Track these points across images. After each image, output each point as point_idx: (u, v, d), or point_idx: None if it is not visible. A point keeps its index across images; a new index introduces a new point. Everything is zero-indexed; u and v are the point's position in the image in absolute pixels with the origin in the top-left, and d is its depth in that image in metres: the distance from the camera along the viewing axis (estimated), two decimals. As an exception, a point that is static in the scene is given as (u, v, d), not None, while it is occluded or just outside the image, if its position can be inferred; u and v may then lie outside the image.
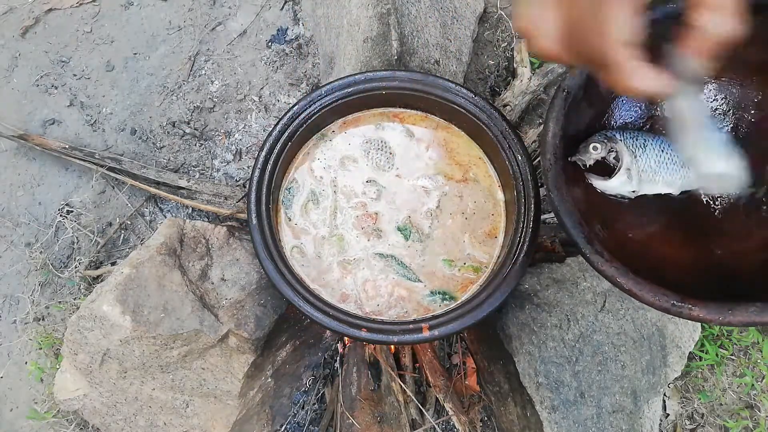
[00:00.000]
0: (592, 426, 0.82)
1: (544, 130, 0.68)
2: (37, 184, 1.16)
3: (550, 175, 0.66)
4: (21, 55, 1.22)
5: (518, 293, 0.87)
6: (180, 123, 1.15)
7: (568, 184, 0.66)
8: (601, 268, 0.62)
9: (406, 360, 1.00)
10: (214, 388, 0.88)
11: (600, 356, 0.84)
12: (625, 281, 0.60)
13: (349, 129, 0.90)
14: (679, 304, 0.58)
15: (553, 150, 0.67)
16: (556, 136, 0.67)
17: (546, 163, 0.67)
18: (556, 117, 0.67)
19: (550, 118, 0.68)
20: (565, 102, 0.67)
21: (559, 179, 0.66)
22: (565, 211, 0.65)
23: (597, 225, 0.67)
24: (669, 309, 0.58)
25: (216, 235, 0.93)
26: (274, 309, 0.90)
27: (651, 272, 0.62)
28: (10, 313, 1.10)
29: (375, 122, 0.90)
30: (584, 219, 0.65)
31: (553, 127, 0.67)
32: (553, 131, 0.67)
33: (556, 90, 0.68)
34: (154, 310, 0.83)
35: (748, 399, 0.98)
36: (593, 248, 0.63)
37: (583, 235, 0.64)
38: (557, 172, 0.66)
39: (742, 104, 0.71)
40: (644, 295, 0.59)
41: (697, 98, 0.43)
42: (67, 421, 1.00)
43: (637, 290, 0.60)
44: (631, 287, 0.60)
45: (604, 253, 0.62)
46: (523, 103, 1.06)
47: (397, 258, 0.83)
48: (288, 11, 1.20)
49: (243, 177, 1.13)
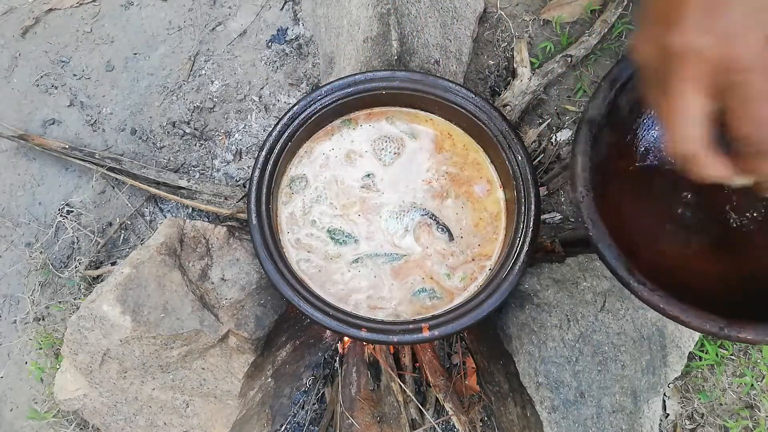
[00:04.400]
0: (592, 426, 0.82)
1: (572, 162, 0.67)
2: (37, 184, 1.16)
3: (583, 207, 0.66)
4: (21, 55, 1.22)
5: (518, 293, 0.87)
6: (180, 123, 1.15)
7: (602, 215, 0.66)
8: (647, 298, 0.62)
9: (405, 360, 1.00)
10: (214, 388, 0.88)
11: (600, 356, 0.84)
12: (671, 309, 0.61)
13: (353, 126, 0.90)
14: (728, 328, 0.58)
15: (584, 183, 0.66)
16: (586, 169, 0.66)
17: (578, 196, 0.66)
18: (583, 149, 0.67)
19: (577, 151, 0.67)
20: (591, 133, 0.67)
21: (594, 212, 0.66)
22: (605, 245, 0.65)
23: (630, 248, 0.67)
24: (718, 333, 0.58)
25: (216, 235, 0.93)
26: (274, 309, 0.90)
27: (683, 288, 0.62)
28: (10, 313, 1.10)
29: (374, 121, 0.90)
30: (618, 245, 0.65)
31: (582, 160, 0.67)
32: (582, 164, 0.67)
33: (579, 122, 0.68)
34: (154, 310, 0.83)
35: (748, 399, 0.98)
36: (636, 279, 0.63)
37: (625, 267, 0.63)
38: (590, 205, 0.66)
39: None
40: (691, 321, 0.60)
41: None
42: (67, 421, 1.00)
43: (683, 317, 0.60)
44: (678, 314, 0.60)
45: (646, 283, 0.62)
46: (523, 103, 1.06)
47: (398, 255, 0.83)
48: (288, 11, 1.21)
49: (243, 177, 1.13)
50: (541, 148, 1.08)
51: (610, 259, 0.64)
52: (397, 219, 0.85)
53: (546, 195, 1.06)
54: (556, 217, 1.05)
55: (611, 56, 1.12)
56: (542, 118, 1.11)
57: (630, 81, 0.67)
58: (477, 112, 0.84)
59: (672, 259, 0.71)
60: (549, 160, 1.08)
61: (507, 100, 1.06)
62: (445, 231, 0.83)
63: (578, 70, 1.12)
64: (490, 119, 0.83)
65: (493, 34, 1.15)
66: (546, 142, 1.09)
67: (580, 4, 1.13)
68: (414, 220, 0.84)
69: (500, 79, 1.13)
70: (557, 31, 1.14)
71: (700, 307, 0.60)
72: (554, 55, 1.10)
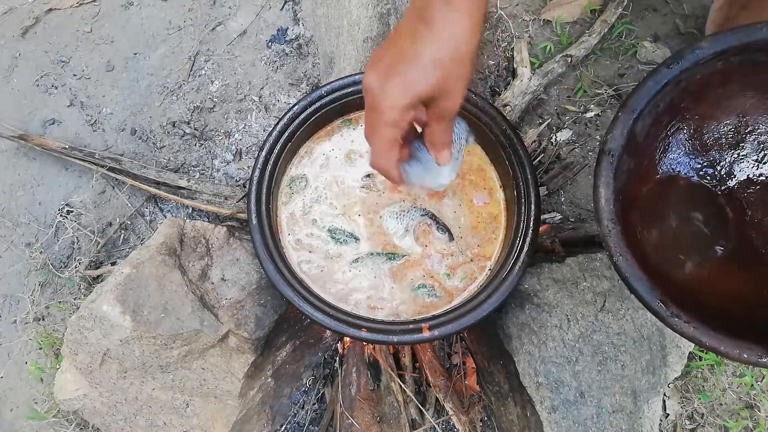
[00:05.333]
0: (592, 426, 0.82)
1: (596, 195, 0.67)
2: (37, 184, 1.16)
3: (610, 241, 0.65)
4: (21, 55, 1.22)
5: (518, 293, 0.87)
6: (180, 123, 1.15)
7: (629, 245, 0.65)
8: (682, 329, 0.62)
9: (405, 360, 1.00)
10: (214, 388, 0.88)
11: (600, 356, 0.84)
12: (707, 340, 0.60)
13: (354, 126, 0.90)
14: (767, 357, 0.58)
15: (609, 215, 0.66)
16: (610, 201, 0.66)
17: (604, 229, 0.66)
18: (605, 182, 0.66)
19: (599, 183, 0.67)
20: (612, 165, 0.67)
21: (621, 243, 0.65)
22: (636, 277, 0.64)
23: (656, 273, 0.67)
24: (757, 363, 0.59)
25: (216, 235, 0.93)
26: (274, 309, 0.90)
27: (710, 309, 0.62)
28: (10, 313, 1.10)
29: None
30: (647, 274, 0.64)
31: (605, 192, 0.66)
32: (606, 196, 0.66)
33: (600, 153, 0.68)
34: (154, 310, 0.83)
35: (748, 399, 0.98)
36: (670, 311, 0.62)
37: (659, 299, 0.63)
38: (618, 237, 0.65)
39: None
40: (729, 351, 0.60)
41: None
42: (67, 421, 1.00)
43: (721, 348, 0.60)
44: (715, 345, 0.60)
45: (681, 315, 0.62)
46: (523, 103, 1.06)
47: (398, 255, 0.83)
48: (288, 11, 1.21)
49: (243, 177, 1.13)
50: (541, 148, 1.08)
51: (642, 292, 0.64)
52: (397, 219, 0.85)
53: (546, 195, 1.06)
54: (556, 217, 1.05)
55: (611, 56, 1.12)
56: (542, 118, 1.11)
57: (646, 108, 0.67)
58: (477, 112, 0.84)
59: (699, 283, 0.70)
60: (549, 160, 1.08)
61: (507, 100, 1.06)
62: (445, 231, 0.83)
63: (578, 70, 1.12)
64: (490, 119, 0.83)
65: (493, 34, 1.15)
66: (546, 142, 1.09)
67: (580, 4, 1.13)
68: (414, 220, 0.84)
69: (500, 79, 1.13)
70: (557, 31, 1.14)
71: (733, 332, 0.60)
72: (554, 55, 1.10)
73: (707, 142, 0.75)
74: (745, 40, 0.65)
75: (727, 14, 0.98)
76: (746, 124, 0.74)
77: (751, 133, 0.74)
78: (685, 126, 0.74)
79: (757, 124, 0.73)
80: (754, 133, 0.74)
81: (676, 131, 0.73)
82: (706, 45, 0.65)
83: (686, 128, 0.74)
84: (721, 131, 0.75)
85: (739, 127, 0.74)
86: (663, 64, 0.66)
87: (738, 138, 0.75)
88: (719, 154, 0.75)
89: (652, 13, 1.14)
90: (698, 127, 0.74)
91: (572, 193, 1.07)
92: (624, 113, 0.67)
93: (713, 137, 0.75)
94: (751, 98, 0.72)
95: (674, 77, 0.66)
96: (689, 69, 0.66)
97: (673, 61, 0.66)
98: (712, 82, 0.69)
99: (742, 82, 0.70)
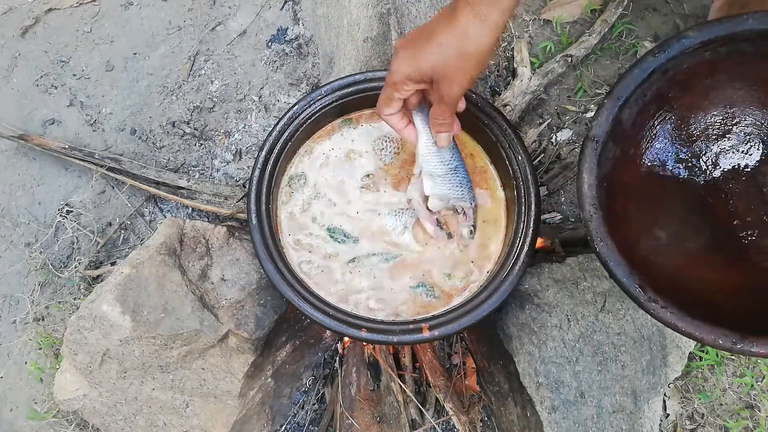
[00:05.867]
0: (592, 426, 0.82)
1: (579, 181, 0.68)
2: (37, 184, 1.16)
3: (592, 226, 0.66)
4: (21, 55, 1.22)
5: (518, 293, 0.87)
6: (180, 123, 1.15)
7: (611, 232, 0.66)
8: (658, 314, 0.62)
9: (405, 360, 0.99)
10: (214, 388, 0.88)
11: (600, 356, 0.84)
12: (683, 325, 0.61)
13: (354, 125, 0.90)
14: (741, 343, 0.58)
15: (591, 200, 0.66)
16: (593, 187, 0.67)
17: (586, 214, 0.66)
18: (589, 168, 0.67)
19: (583, 169, 0.67)
20: (596, 151, 0.67)
21: (603, 229, 0.66)
22: (615, 262, 0.65)
23: (639, 261, 0.67)
24: (732, 348, 0.59)
25: (216, 235, 0.93)
26: (274, 309, 0.90)
27: (693, 299, 0.63)
28: (10, 313, 1.10)
29: (375, 120, 0.89)
30: (628, 261, 0.65)
31: (588, 178, 0.67)
32: (589, 182, 0.67)
33: (584, 140, 0.68)
34: (153, 310, 0.83)
35: (748, 399, 0.98)
36: (647, 296, 0.63)
37: (637, 284, 0.64)
38: (599, 222, 0.66)
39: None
40: (704, 337, 0.60)
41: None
42: (67, 421, 1.00)
43: (696, 333, 0.60)
44: (690, 330, 0.61)
45: (658, 300, 0.62)
46: (523, 103, 1.06)
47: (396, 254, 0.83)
48: (288, 11, 1.20)
49: (243, 177, 1.13)
50: (541, 148, 1.08)
51: (621, 277, 0.64)
52: (396, 216, 0.85)
53: (546, 195, 1.06)
54: (556, 217, 1.05)
55: (611, 56, 1.12)
56: (542, 118, 1.11)
57: (632, 96, 0.67)
58: (477, 112, 0.84)
59: (681, 271, 0.71)
60: (549, 160, 1.08)
61: (507, 100, 1.06)
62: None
63: (578, 69, 1.12)
64: (490, 119, 0.83)
65: (493, 33, 1.15)
66: (546, 142, 1.09)
67: (580, 4, 1.13)
68: (413, 217, 0.84)
69: (500, 79, 1.13)
70: (557, 30, 1.14)
71: (712, 320, 0.60)
72: (554, 55, 1.10)
73: (694, 133, 0.75)
74: (732, 30, 0.65)
75: (727, 14, 0.98)
76: (733, 115, 0.74)
77: (738, 124, 0.74)
78: (673, 116, 0.74)
79: (744, 116, 0.73)
80: (741, 125, 0.74)
81: (664, 121, 0.74)
82: (692, 34, 0.65)
83: (673, 118, 0.74)
84: (708, 122, 0.75)
85: (726, 119, 0.74)
86: (649, 53, 0.67)
87: (725, 129, 0.75)
88: (705, 144, 0.75)
89: (652, 13, 1.14)
90: (685, 117, 0.74)
91: (572, 193, 1.07)
92: (610, 100, 0.67)
93: (700, 128, 0.75)
94: (738, 89, 0.72)
95: (660, 65, 0.66)
96: (676, 58, 0.66)
97: (660, 50, 0.66)
98: (700, 72, 0.69)
99: (730, 72, 0.70)
